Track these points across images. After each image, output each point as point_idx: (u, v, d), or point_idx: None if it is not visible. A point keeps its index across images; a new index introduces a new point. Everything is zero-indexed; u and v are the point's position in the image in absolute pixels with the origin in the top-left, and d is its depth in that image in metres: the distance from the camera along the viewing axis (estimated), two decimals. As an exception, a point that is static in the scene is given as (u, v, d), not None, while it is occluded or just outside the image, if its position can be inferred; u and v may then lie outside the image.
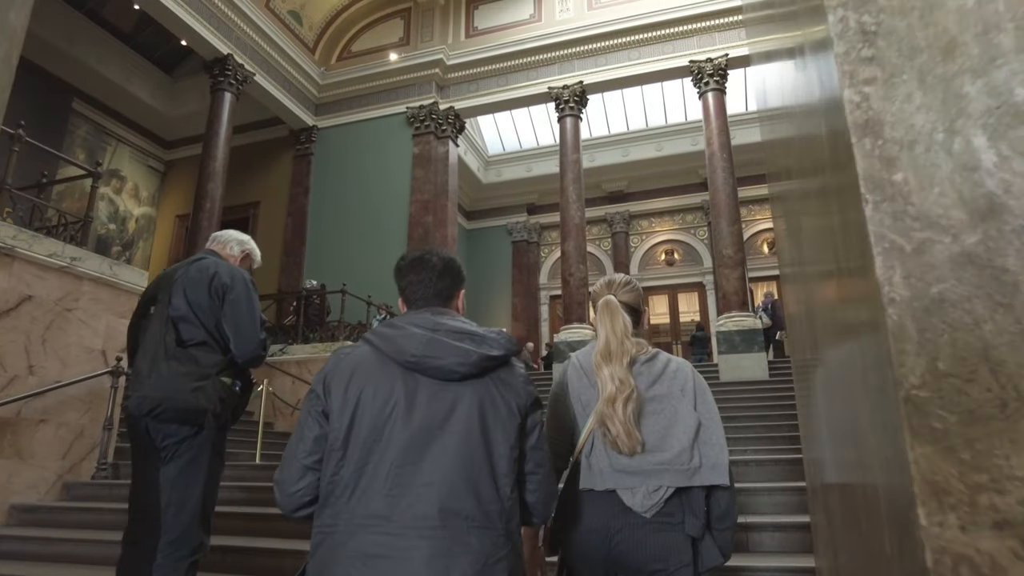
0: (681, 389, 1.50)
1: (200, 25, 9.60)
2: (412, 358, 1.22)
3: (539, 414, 1.33)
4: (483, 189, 16.08)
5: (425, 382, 1.23)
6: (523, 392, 1.30)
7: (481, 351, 1.24)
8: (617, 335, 1.53)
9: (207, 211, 9.73)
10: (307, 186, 12.06)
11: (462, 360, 1.22)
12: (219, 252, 2.43)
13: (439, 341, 1.24)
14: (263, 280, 11.54)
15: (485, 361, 1.25)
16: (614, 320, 1.56)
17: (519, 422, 1.26)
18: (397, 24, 12.58)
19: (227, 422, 2.19)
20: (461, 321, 1.32)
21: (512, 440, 1.24)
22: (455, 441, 1.19)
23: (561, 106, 11.01)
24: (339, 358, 1.30)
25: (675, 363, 1.56)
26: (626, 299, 1.63)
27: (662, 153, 14.91)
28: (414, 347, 1.23)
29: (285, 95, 11.57)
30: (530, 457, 1.29)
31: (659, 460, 1.41)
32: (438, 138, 11.54)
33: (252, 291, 2.27)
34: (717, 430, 1.47)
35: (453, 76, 11.82)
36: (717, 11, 10.29)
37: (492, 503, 1.18)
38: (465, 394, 1.23)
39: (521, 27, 11.73)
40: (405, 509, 1.13)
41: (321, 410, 1.23)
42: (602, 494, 1.44)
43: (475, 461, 1.18)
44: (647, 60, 10.74)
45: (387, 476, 1.15)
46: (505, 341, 1.30)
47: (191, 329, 2.15)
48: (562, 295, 10.68)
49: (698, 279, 15.13)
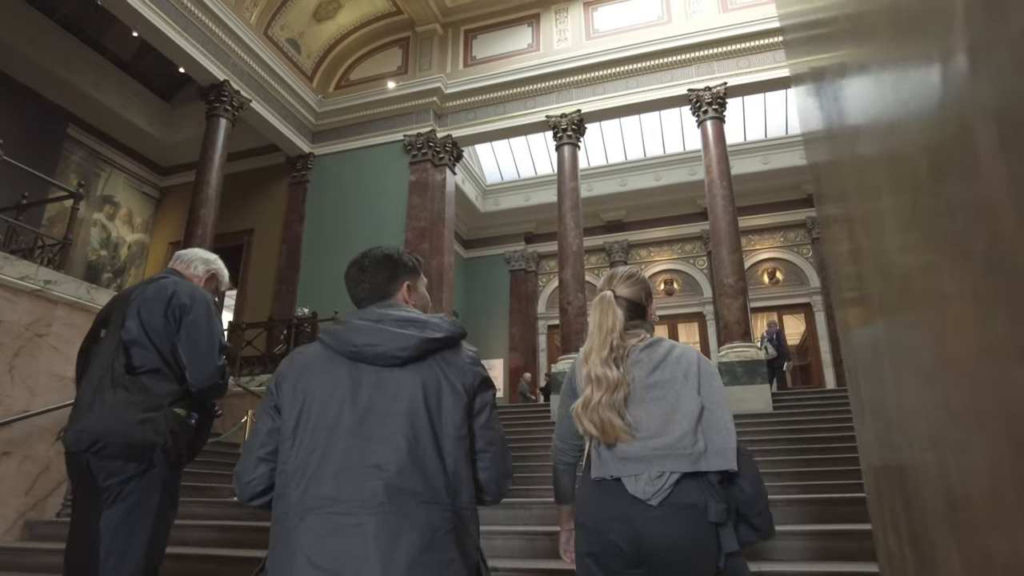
0: (684, 374, 1.48)
1: (197, 51, 9.56)
2: (354, 348, 1.28)
3: (489, 395, 1.35)
4: (481, 218, 15.99)
5: (370, 370, 1.27)
6: (469, 372, 1.32)
7: (424, 335, 1.29)
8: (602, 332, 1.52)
9: (199, 237, 9.55)
10: (302, 213, 11.93)
11: (402, 344, 1.27)
12: (182, 272, 2.23)
13: (381, 330, 1.29)
14: (256, 308, 11.35)
15: (426, 344, 1.29)
16: (603, 316, 1.55)
17: (466, 401, 1.29)
18: (395, 53, 12.62)
19: (181, 458, 1.96)
20: (406, 311, 1.37)
21: (458, 419, 1.27)
22: (400, 422, 1.22)
23: (559, 134, 10.95)
24: (292, 357, 1.37)
25: (679, 349, 1.55)
26: (626, 293, 1.60)
27: (660, 183, 14.85)
28: (356, 337, 1.29)
29: (282, 122, 11.52)
30: (480, 436, 1.32)
31: (660, 445, 1.39)
32: (435, 166, 11.46)
33: (213, 314, 2.06)
34: (724, 414, 1.44)
35: (451, 105, 11.80)
36: (716, 40, 10.29)
37: (438, 478, 1.21)
38: (409, 377, 1.27)
39: (519, 56, 11.76)
40: (353, 489, 1.17)
41: (273, 405, 1.30)
42: (612, 483, 1.43)
43: (420, 440, 1.22)
44: (645, 89, 10.72)
45: (335, 460, 1.20)
46: (448, 324, 1.34)
47: (144, 354, 1.94)
48: (560, 324, 10.46)
49: (698, 309, 14.94)
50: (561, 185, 10.71)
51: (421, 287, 1.53)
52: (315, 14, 11.75)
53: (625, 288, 1.60)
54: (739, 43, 10.20)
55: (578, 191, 10.70)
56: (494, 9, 12.09)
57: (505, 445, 1.36)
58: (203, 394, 2.01)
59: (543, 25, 11.84)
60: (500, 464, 1.34)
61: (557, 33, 11.71)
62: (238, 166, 11.88)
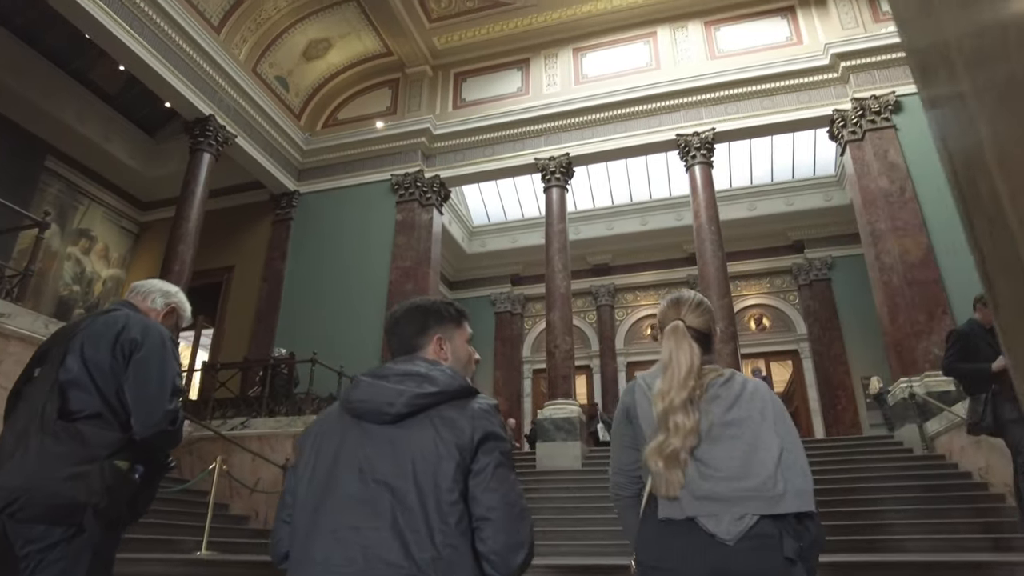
0: (761, 412, 1.43)
1: (183, 86, 9.46)
2: (351, 405, 1.25)
3: (495, 452, 1.19)
4: (467, 259, 15.84)
5: (369, 428, 1.22)
6: (466, 428, 1.19)
7: (418, 389, 1.21)
8: (680, 370, 1.43)
9: (176, 273, 9.27)
10: (284, 251, 11.70)
11: (390, 400, 1.20)
12: (137, 305, 1.98)
13: (377, 385, 1.23)
14: (233, 348, 10.98)
15: (417, 399, 1.20)
16: (679, 351, 1.47)
17: (457, 461, 1.16)
18: (385, 94, 12.64)
19: (119, 520, 1.69)
20: (415, 364, 1.28)
21: (448, 483, 1.14)
22: (385, 485, 1.15)
23: (547, 177, 10.93)
24: (317, 418, 1.34)
25: (752, 384, 1.49)
26: (696, 324, 1.53)
27: (647, 227, 14.87)
28: (354, 393, 1.25)
29: (267, 159, 11.39)
30: (480, 500, 1.16)
31: (744, 487, 1.35)
32: (422, 205, 11.34)
33: (168, 352, 1.81)
34: (800, 455, 1.41)
35: (439, 145, 11.77)
36: (703, 87, 10.42)
37: (424, 551, 1.10)
38: (402, 435, 1.19)
39: (509, 99, 11.82)
40: (335, 553, 1.12)
41: (294, 463, 1.29)
42: (683, 523, 1.38)
43: (405, 505, 1.13)
44: (634, 133, 10.78)
45: (323, 522, 1.16)
46: (447, 378, 1.24)
47: (83, 397, 1.68)
48: (547, 368, 10.19)
49: (685, 355, 14.75)
50: (549, 227, 10.63)
51: (458, 340, 1.39)
52: (305, 53, 11.77)
53: (695, 317, 1.54)
54: (726, 89, 10.33)
55: (566, 233, 10.61)
56: (484, 53, 12.21)
57: (516, 510, 1.17)
58: (150, 442, 1.75)
59: (532, 69, 11.95)
60: (506, 534, 1.15)
61: (546, 77, 11.81)
62: (220, 202, 11.69)
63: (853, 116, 9.45)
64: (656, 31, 11.42)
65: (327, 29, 11.49)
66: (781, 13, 10.83)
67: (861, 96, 9.45)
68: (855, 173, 9.31)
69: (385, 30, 11.59)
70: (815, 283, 13.74)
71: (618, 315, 15.57)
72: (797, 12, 10.70)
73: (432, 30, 11.81)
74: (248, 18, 10.56)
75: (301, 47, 11.63)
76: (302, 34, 11.40)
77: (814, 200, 13.71)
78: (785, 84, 10.11)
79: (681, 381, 1.43)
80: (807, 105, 10.02)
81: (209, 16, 9.96)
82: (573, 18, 11.64)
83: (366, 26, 11.55)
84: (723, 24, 11.11)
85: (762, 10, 10.91)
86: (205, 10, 9.87)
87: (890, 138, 9.11)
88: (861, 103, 9.38)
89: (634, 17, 11.48)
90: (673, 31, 11.31)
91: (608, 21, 11.61)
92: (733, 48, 10.84)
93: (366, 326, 10.41)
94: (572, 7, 11.47)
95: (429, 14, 11.51)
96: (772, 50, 10.53)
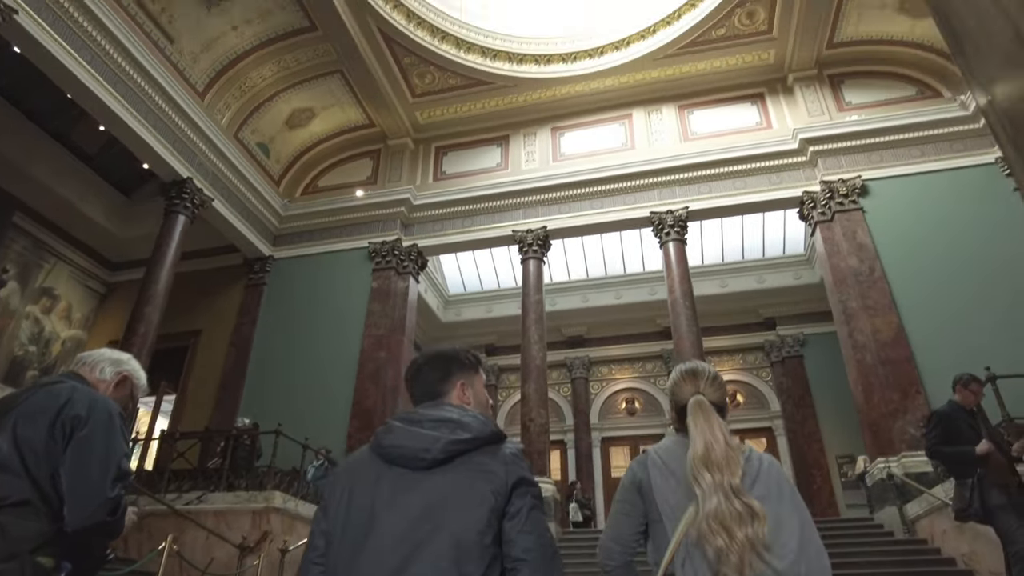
0: (778, 488, 1.41)
1: (163, 148, 9.44)
2: (384, 449, 1.27)
3: (528, 496, 1.24)
4: (442, 328, 15.68)
5: (402, 472, 1.24)
6: (500, 472, 1.23)
7: (452, 436, 1.24)
8: (719, 441, 1.40)
9: (140, 336, 8.96)
10: (255, 317, 11.43)
11: (427, 446, 1.23)
12: (84, 376, 1.82)
13: (412, 431, 1.26)
14: (195, 417, 10.52)
15: (452, 445, 1.24)
16: (710, 423, 1.43)
17: (492, 504, 1.20)
18: (366, 163, 12.79)
19: (43, 622, 1.48)
20: (445, 410, 1.32)
21: (481, 526, 1.18)
22: (421, 529, 1.17)
23: (525, 248, 11.00)
24: (345, 462, 1.38)
25: (766, 460, 1.47)
26: (714, 398, 1.51)
27: (621, 301, 14.99)
28: (388, 438, 1.28)
29: (243, 223, 11.30)
30: (516, 542, 1.20)
31: (774, 569, 1.31)
32: (399, 273, 11.27)
33: (115, 429, 1.64)
34: (814, 533, 1.39)
35: (419, 215, 11.84)
36: (677, 167, 10.75)
37: None
38: (437, 481, 1.22)
39: (488, 174, 12.04)
40: None
41: (323, 506, 1.30)
42: None
43: (437, 549, 1.15)
44: (610, 209, 10.99)
45: (363, 565, 1.16)
46: (480, 424, 1.28)
47: (10, 482, 1.51)
48: (521, 442, 9.92)
49: (660, 431, 14.56)
50: (526, 297, 10.61)
51: (478, 385, 1.47)
52: (288, 121, 11.93)
53: (714, 391, 1.52)
54: (699, 170, 10.67)
55: (542, 304, 10.60)
56: (465, 128, 12.53)
57: (550, 551, 1.22)
58: (84, 534, 1.55)
59: (512, 146, 12.25)
60: (543, 573, 1.19)
61: (525, 154, 12.10)
62: (192, 265, 11.48)
63: (822, 198, 9.78)
64: (632, 113, 11.87)
65: (312, 99, 11.70)
66: (751, 99, 11.37)
67: (829, 179, 9.82)
68: (826, 252, 9.54)
69: (369, 103, 11.85)
70: (787, 360, 13.83)
71: (593, 388, 15.41)
72: (766, 99, 11.25)
73: (415, 105, 12.11)
74: (233, 85, 10.72)
75: (285, 115, 11.80)
76: (286, 103, 11.59)
77: (784, 278, 14.00)
78: (756, 166, 10.49)
79: (723, 456, 1.39)
80: (778, 186, 10.37)
81: (194, 82, 10.09)
82: (552, 99, 12.07)
83: (350, 98, 11.80)
84: (696, 108, 11.61)
85: (733, 96, 11.46)
86: (191, 76, 10.00)
87: (858, 220, 9.41)
88: (829, 186, 9.74)
89: (610, 99, 11.96)
90: (648, 113, 11.77)
91: (585, 103, 12.06)
92: (706, 131, 11.29)
93: (334, 396, 10.09)
94: (551, 88, 11.92)
95: (413, 90, 11.84)
96: (743, 133, 10.99)
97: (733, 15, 10.40)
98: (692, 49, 11.05)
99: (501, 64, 11.62)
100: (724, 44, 10.92)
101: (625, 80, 11.68)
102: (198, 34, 9.74)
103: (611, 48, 11.47)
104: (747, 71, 11.30)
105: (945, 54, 10.00)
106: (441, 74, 11.59)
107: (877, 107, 10.39)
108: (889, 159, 9.83)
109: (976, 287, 8.45)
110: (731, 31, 10.69)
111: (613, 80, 11.70)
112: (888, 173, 9.73)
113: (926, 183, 9.48)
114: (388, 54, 10.95)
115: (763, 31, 10.62)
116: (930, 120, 9.73)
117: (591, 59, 11.62)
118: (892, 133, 9.88)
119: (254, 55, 10.53)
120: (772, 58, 11.04)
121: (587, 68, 11.59)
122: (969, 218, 8.98)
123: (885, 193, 9.60)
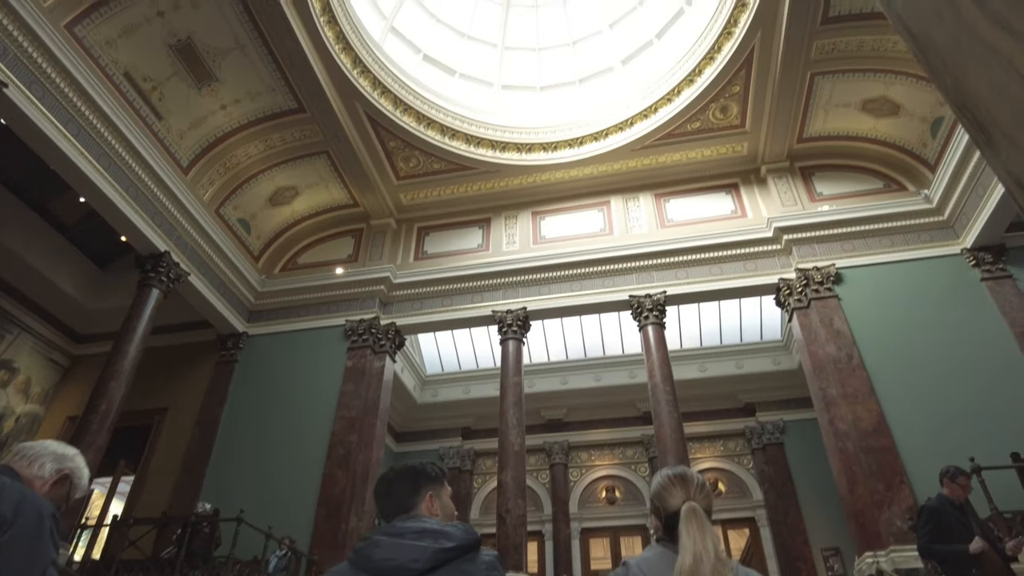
0: None
1: (142, 221, 9.37)
2: (373, 563, 1.29)
3: None
4: (417, 409, 15.29)
5: None
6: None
7: (437, 545, 1.29)
8: (710, 554, 1.34)
9: (101, 413, 8.55)
10: (224, 395, 11.02)
11: (416, 556, 1.27)
12: (20, 471, 1.65)
13: (398, 543, 1.31)
14: (153, 501, 9.92)
15: (439, 554, 1.29)
16: (703, 533, 1.38)
17: None
18: (348, 242, 12.83)
19: None
20: (423, 522, 1.38)
21: None
22: None
23: (504, 329, 10.93)
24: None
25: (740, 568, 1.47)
26: (705, 505, 1.48)
27: (600, 383, 14.84)
28: (376, 553, 1.30)
29: (219, 299, 11.11)
30: None
31: None
32: (375, 352, 11.06)
33: (44, 534, 1.47)
34: None
35: (398, 294, 11.79)
36: (654, 252, 10.94)
37: None
38: None
39: (469, 254, 12.13)
40: None
41: None
42: None
43: None
44: (589, 292, 11.05)
45: None
46: (461, 533, 1.35)
47: None
48: (497, 535, 9.35)
49: (641, 521, 14.06)
50: (504, 379, 10.42)
51: (445, 496, 1.56)
52: (271, 198, 12.02)
53: (703, 499, 1.49)
54: (676, 256, 10.85)
55: (521, 386, 10.40)
56: (447, 211, 12.73)
57: None
58: None
59: (493, 228, 12.43)
60: None
61: (506, 236, 12.26)
62: (162, 340, 11.18)
63: (798, 285, 9.95)
64: (610, 200, 12.19)
65: (296, 178, 11.86)
66: (725, 189, 11.77)
67: (804, 267, 10.04)
68: (803, 339, 9.61)
69: (354, 184, 12.03)
70: (768, 447, 13.63)
71: (572, 475, 14.95)
72: (740, 189, 11.65)
73: (399, 187, 12.33)
74: (218, 162, 10.84)
75: (268, 193, 11.90)
76: (270, 180, 11.71)
77: (763, 363, 14.03)
78: (732, 253, 10.71)
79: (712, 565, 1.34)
80: (753, 273, 10.55)
81: (180, 158, 10.18)
82: (532, 185, 12.39)
83: (335, 178, 11.98)
84: (672, 196, 11.96)
85: (708, 186, 11.86)
86: (177, 152, 10.10)
87: (834, 307, 9.55)
88: (804, 273, 9.94)
89: (589, 187, 12.31)
90: (626, 201, 12.09)
91: (565, 189, 12.39)
92: (682, 218, 11.59)
93: (302, 481, 9.62)
94: (532, 175, 12.25)
95: (397, 172, 12.08)
96: (719, 221, 11.29)
97: (707, 110, 10.94)
98: (668, 141, 11.52)
99: (484, 151, 11.97)
100: (699, 136, 11.41)
101: (604, 169, 12.07)
102: (187, 112, 9.92)
103: (590, 139, 11.92)
104: (722, 162, 11.76)
105: (907, 151, 10.55)
106: (426, 158, 11.88)
107: (847, 198, 10.80)
108: (861, 248, 10.12)
109: (952, 374, 8.51)
110: (706, 124, 11.20)
111: (592, 168, 12.09)
112: (861, 262, 9.99)
113: (897, 271, 9.73)
114: (374, 138, 11.24)
115: (736, 125, 11.15)
116: (896, 212, 10.10)
117: (571, 148, 12.05)
118: (862, 224, 10.22)
119: (241, 133, 10.71)
120: (745, 150, 11.53)
121: (567, 157, 11.99)
122: (940, 306, 9.17)
123: (859, 281, 9.81)
